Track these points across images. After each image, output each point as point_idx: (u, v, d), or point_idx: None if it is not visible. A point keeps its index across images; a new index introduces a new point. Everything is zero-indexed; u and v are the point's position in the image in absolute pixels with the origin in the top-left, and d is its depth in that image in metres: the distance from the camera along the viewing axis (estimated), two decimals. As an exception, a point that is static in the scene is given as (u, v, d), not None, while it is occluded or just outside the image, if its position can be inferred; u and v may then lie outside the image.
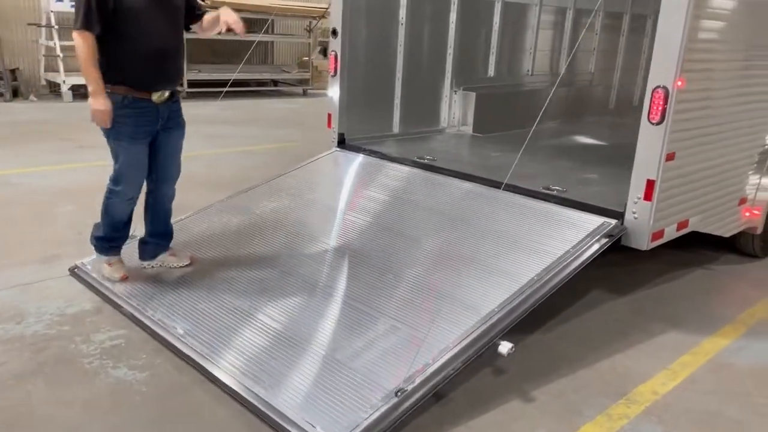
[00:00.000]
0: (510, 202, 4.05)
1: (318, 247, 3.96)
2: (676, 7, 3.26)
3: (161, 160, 3.59)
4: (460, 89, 6.26)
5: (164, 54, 3.36)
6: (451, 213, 4.09)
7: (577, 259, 3.40)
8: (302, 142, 8.74)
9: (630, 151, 3.54)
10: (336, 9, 5.02)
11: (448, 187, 4.41)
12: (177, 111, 3.59)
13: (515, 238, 3.65)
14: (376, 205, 4.33)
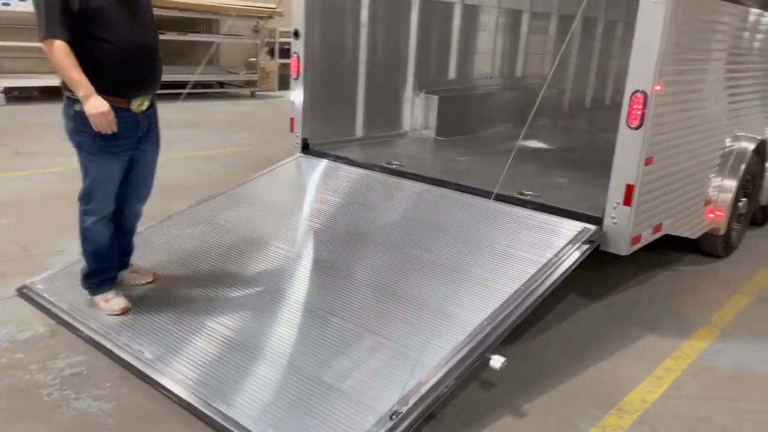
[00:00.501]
0: (486, 208, 3.97)
1: (289, 259, 3.78)
2: (654, 14, 3.25)
3: (135, 177, 3.31)
4: (422, 92, 6.17)
5: (141, 55, 3.08)
6: (426, 220, 3.98)
7: (560, 267, 3.35)
8: (258, 146, 8.50)
9: (589, 154, 3.52)
10: (298, 10, 4.84)
11: (420, 194, 4.30)
12: (154, 121, 3.32)
13: (496, 246, 3.57)
14: (347, 213, 4.17)
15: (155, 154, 3.38)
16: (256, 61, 13.73)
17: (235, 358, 2.90)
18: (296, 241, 4.00)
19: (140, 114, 3.16)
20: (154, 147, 3.35)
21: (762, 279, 4.75)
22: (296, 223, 4.22)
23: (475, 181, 4.47)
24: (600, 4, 8.56)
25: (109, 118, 2.95)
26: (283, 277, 3.60)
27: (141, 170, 3.33)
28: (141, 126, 3.19)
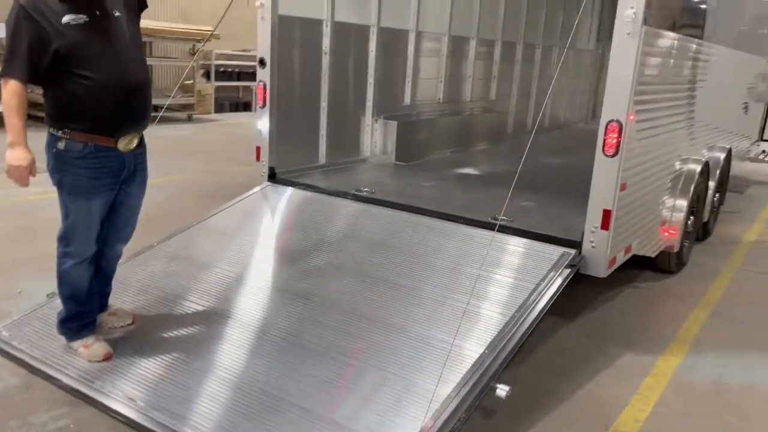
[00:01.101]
0: (468, 234, 4.03)
1: (271, 293, 3.70)
2: (628, 46, 3.42)
3: (118, 218, 3.15)
4: (381, 118, 6.22)
5: (127, 91, 2.93)
6: (408, 249, 3.99)
7: (547, 292, 3.43)
8: (203, 173, 8.30)
9: (547, 176, 3.64)
10: (263, 38, 4.79)
11: (396, 221, 4.31)
12: (143, 161, 3.17)
13: (482, 273, 3.61)
14: (328, 243, 4.13)
15: (141, 195, 3.24)
16: (193, 84, 13.42)
17: (240, 403, 2.80)
18: (275, 273, 3.92)
19: (127, 153, 3.03)
20: (141, 188, 3.21)
21: (713, 293, 5.04)
22: (273, 254, 4.15)
23: (447, 206, 4.54)
24: (538, 32, 8.93)
25: (25, 174, 2.81)
26: (268, 311, 3.51)
27: (125, 211, 3.18)
28: (127, 166, 3.05)
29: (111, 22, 2.91)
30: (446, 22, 6.97)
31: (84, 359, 3.09)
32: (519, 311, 3.26)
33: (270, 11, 4.71)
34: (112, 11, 2.92)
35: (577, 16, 8.59)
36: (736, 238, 6.63)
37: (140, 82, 3.02)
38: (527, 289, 3.43)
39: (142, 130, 3.11)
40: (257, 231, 4.48)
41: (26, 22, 2.70)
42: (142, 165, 3.19)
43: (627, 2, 3.38)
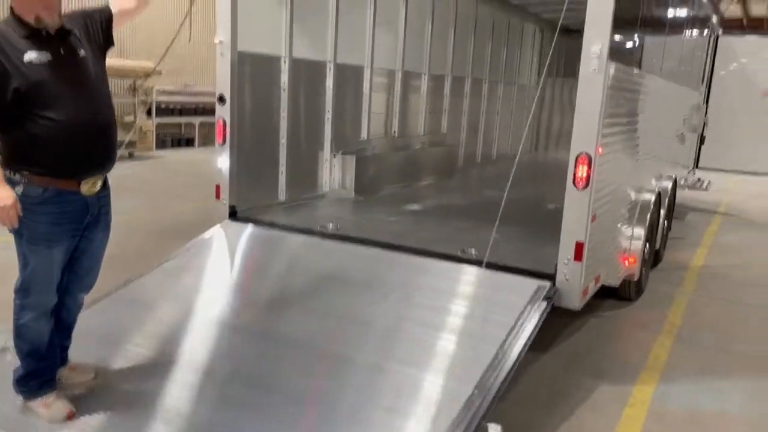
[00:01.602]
0: (441, 269, 3.99)
1: (239, 338, 3.53)
2: (595, 82, 3.51)
3: (80, 266, 2.94)
4: (339, 153, 6.17)
5: (94, 130, 2.77)
6: (380, 286, 3.91)
7: (527, 326, 3.41)
8: (154, 212, 8.01)
9: (507, 208, 3.68)
10: (222, 75, 4.69)
11: (366, 258, 4.24)
12: (106, 204, 2.98)
13: (462, 310, 3.58)
14: (296, 283, 4.01)
15: (105, 241, 3.05)
16: (134, 121, 13.05)
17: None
18: (242, 316, 3.75)
19: (91, 196, 2.85)
20: (104, 233, 3.02)
21: (673, 318, 5.17)
22: (239, 296, 3.98)
23: (415, 240, 4.52)
24: (484, 67, 9.16)
25: (12, 213, 2.62)
26: (236, 357, 3.34)
27: (88, 259, 2.98)
28: (91, 210, 2.87)
29: (76, 60, 2.76)
30: (399, 58, 7.04)
31: (45, 420, 2.84)
32: (501, 348, 3.22)
33: (229, 48, 4.62)
34: (78, 50, 2.78)
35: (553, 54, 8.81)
36: (685, 264, 6.86)
37: (105, 122, 2.87)
38: (507, 324, 3.40)
39: (107, 172, 2.95)
40: (221, 272, 4.31)
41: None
42: (106, 208, 3.02)
43: (592, 39, 3.47)
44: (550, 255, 4.16)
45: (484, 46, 9.10)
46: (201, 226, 6.48)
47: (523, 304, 3.57)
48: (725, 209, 10.64)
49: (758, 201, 11.51)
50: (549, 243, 4.39)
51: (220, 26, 4.60)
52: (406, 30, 7.01)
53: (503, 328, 3.37)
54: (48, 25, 2.65)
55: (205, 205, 8.45)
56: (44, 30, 2.66)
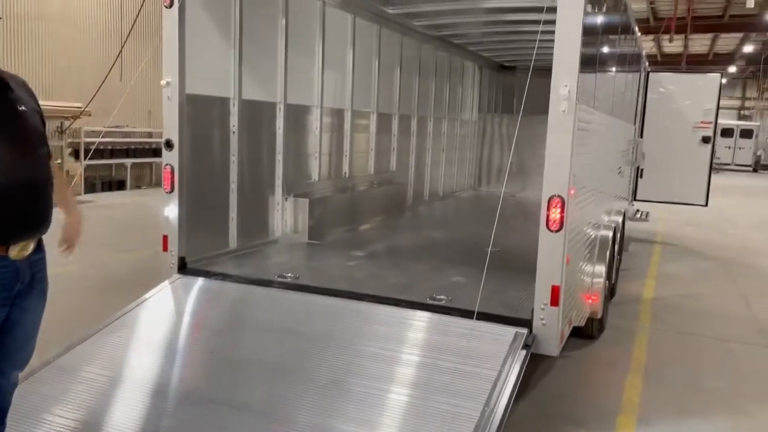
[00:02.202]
0: (412, 319, 3.80)
1: (194, 408, 3.20)
2: (565, 123, 3.46)
3: (13, 340, 2.57)
4: (291, 196, 5.93)
5: (24, 192, 2.46)
6: (348, 340, 3.66)
7: (510, 378, 3.25)
8: (88, 263, 7.45)
9: (464, 247, 3.56)
10: (170, 118, 4.41)
11: (331, 310, 3.99)
12: (41, 269, 2.64)
13: (441, 363, 3.38)
14: (258, 341, 3.72)
15: (40, 310, 2.70)
16: (61, 165, 12.34)
17: None
18: (199, 381, 3.43)
19: (21, 261, 2.52)
20: (39, 301, 2.68)
21: (638, 355, 5.14)
22: (195, 359, 3.65)
23: (380, 287, 4.33)
24: (429, 105, 9.18)
25: None
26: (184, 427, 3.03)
27: (21, 331, 2.62)
28: (21, 276, 2.53)
29: (13, 114, 2.48)
30: (348, 97, 6.92)
31: None
32: (487, 404, 3.04)
33: (177, 90, 4.35)
34: (18, 105, 2.50)
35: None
36: (637, 296, 6.93)
37: (41, 181, 2.57)
38: (490, 377, 3.23)
39: (41, 234, 2.63)
40: (172, 333, 3.95)
41: None
42: (41, 273, 2.68)
43: (560, 80, 3.44)
44: (519, 298, 4.07)
45: (428, 84, 9.13)
46: (141, 279, 6.07)
47: (503, 355, 3.41)
48: (663, 238, 10.98)
49: (691, 229, 11.96)
50: (515, 285, 4.30)
51: (167, 67, 4.34)
52: (354, 69, 6.91)
53: (486, 382, 3.20)
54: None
55: (143, 254, 8.05)
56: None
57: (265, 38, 5.50)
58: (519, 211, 9.53)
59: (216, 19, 4.89)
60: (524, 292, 4.11)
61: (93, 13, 14.26)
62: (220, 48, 4.98)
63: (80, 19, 13.97)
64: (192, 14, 4.48)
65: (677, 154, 9.89)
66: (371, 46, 7.36)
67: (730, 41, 31.37)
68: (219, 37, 4.95)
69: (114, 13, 14.67)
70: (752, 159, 32.51)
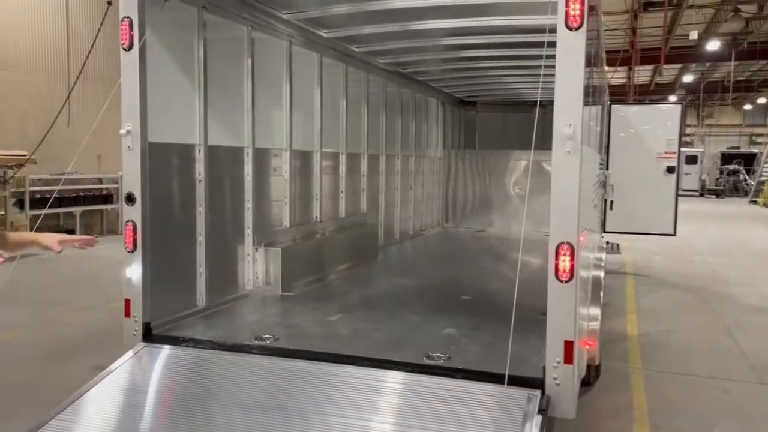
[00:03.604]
0: (411, 384, 3.42)
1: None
2: (570, 165, 3.21)
3: None
4: (262, 245, 5.52)
5: None
6: (353, 418, 3.23)
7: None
8: (39, 326, 6.84)
9: (442, 293, 3.26)
10: (131, 170, 3.98)
11: (322, 378, 3.56)
12: None
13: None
14: (238, 421, 3.26)
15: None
16: (5, 216, 11.58)
17: None
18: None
19: None
20: None
21: (639, 403, 4.89)
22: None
23: (369, 347, 3.98)
24: (396, 142, 8.97)
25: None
26: None
27: None
28: None
29: None
30: (317, 138, 6.61)
31: None
32: (511, 484, 2.69)
33: (139, 138, 3.94)
34: None
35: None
36: (622, 334, 6.73)
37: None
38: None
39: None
40: (140, 415, 3.45)
41: None
42: None
43: (563, 119, 3.19)
44: (522, 351, 3.75)
45: (395, 121, 8.93)
46: (99, 343, 5.55)
47: (519, 423, 3.07)
48: (633, 269, 10.95)
49: (658, 258, 12.00)
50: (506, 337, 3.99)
51: (127, 114, 3.94)
52: (322, 109, 6.62)
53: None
54: None
55: (101, 312, 7.44)
56: None
57: (230, 80, 5.15)
58: (493, 248, 9.35)
59: (178, 61, 4.53)
60: (521, 344, 3.79)
61: (36, 55, 13.62)
62: (183, 91, 4.60)
63: (22, 61, 13.30)
64: (153, 56, 4.12)
65: (643, 184, 9.90)
66: (338, 85, 7.10)
67: (671, 72, 32.65)
68: (182, 79, 4.58)
69: (59, 54, 14.06)
70: (698, 184, 33.56)
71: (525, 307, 3.47)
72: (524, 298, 3.32)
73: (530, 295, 3.68)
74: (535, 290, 3.58)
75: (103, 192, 14.70)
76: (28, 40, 13.41)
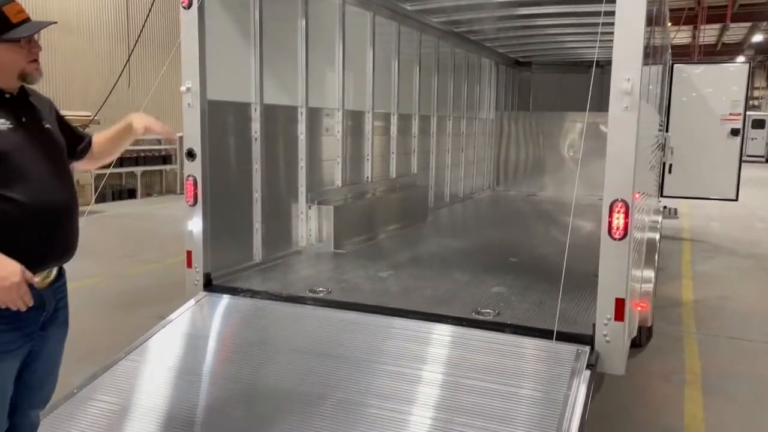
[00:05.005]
0: (463, 337, 3.49)
1: None
2: (627, 121, 3.15)
3: (33, 375, 2.31)
4: (315, 204, 5.64)
5: (58, 212, 2.23)
6: (397, 364, 3.35)
7: (577, 403, 2.95)
8: (106, 277, 7.21)
9: (493, 253, 3.24)
10: (192, 127, 4.12)
11: (374, 329, 3.68)
12: (64, 296, 2.39)
13: (496, 387, 3.08)
14: (297, 365, 3.41)
15: (62, 340, 2.45)
16: (70, 174, 12.11)
17: None
18: (234, 412, 3.14)
19: (46, 289, 2.25)
20: (62, 330, 2.42)
21: (691, 365, 4.84)
22: (230, 386, 3.36)
23: (418, 301, 4.05)
24: (448, 104, 8.90)
25: (22, 290, 2.00)
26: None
27: (42, 365, 2.36)
28: (48, 305, 2.28)
29: (40, 131, 2.26)
30: (369, 99, 6.64)
31: None
32: (559, 429, 2.75)
33: (198, 96, 4.07)
34: (43, 122, 2.29)
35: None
36: (677, 299, 6.62)
37: (70, 201, 2.33)
38: (556, 402, 2.93)
39: (68, 260, 2.37)
40: (199, 358, 3.64)
41: None
42: (64, 301, 2.44)
43: (622, 74, 3.12)
44: (572, 311, 3.76)
45: (447, 82, 8.85)
46: (162, 294, 5.82)
47: (567, 376, 3.11)
48: (690, 235, 10.66)
49: (717, 224, 11.63)
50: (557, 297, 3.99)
51: (187, 72, 4.06)
52: (374, 70, 6.62)
53: (552, 406, 2.90)
54: (35, 78, 2.23)
55: (161, 267, 7.78)
56: (8, 93, 2.18)
57: (284, 40, 5.22)
58: (544, 212, 9.25)
59: (235, 20, 4.61)
60: (571, 303, 3.81)
61: (97, 20, 14.03)
62: (239, 50, 4.70)
63: (84, 26, 13.73)
64: (211, 15, 4.21)
65: (705, 147, 9.55)
66: (390, 44, 7.07)
67: (739, 31, 30.99)
68: (238, 38, 4.67)
69: (120, 19, 14.44)
70: (765, 149, 32.06)
71: (577, 270, 3.48)
72: (576, 261, 3.32)
73: (583, 258, 3.69)
74: (588, 253, 3.56)
75: (162, 153, 15.16)
76: (90, 5, 13.80)
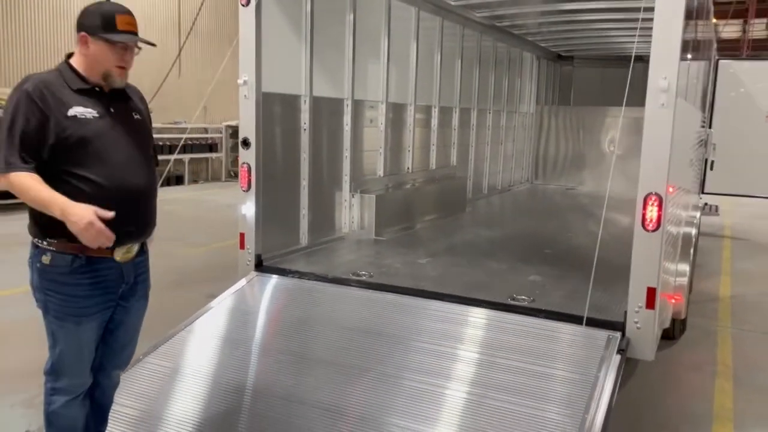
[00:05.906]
0: (498, 321, 3.69)
1: (287, 407, 3.18)
2: (663, 117, 3.28)
3: (116, 340, 2.62)
4: (358, 192, 5.88)
5: (134, 194, 2.48)
6: (433, 343, 3.57)
7: (606, 385, 3.12)
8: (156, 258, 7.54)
9: (530, 244, 3.37)
10: (247, 117, 4.40)
11: (413, 310, 3.90)
12: (144, 271, 2.67)
13: (530, 367, 3.27)
14: (344, 342, 3.66)
15: (142, 312, 2.74)
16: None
17: None
18: (287, 381, 3.40)
19: (126, 263, 2.53)
20: (142, 302, 2.71)
21: (723, 358, 4.92)
22: (282, 358, 3.62)
23: (456, 286, 4.25)
24: (488, 97, 9.03)
25: (99, 227, 2.23)
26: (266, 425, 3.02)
27: (123, 332, 2.66)
28: (126, 278, 2.56)
29: (127, 120, 2.54)
30: (411, 92, 6.83)
31: None
32: (587, 412, 2.92)
33: (254, 88, 4.34)
34: (131, 112, 2.58)
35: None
36: (714, 295, 6.66)
37: (148, 186, 2.59)
38: (585, 383, 3.11)
39: (146, 238, 2.64)
40: (251, 331, 3.93)
41: (25, 109, 2.28)
42: (144, 275, 2.71)
43: (659, 72, 3.25)
44: (605, 300, 3.91)
45: (488, 76, 8.97)
46: (211, 275, 6.15)
47: (598, 360, 3.28)
48: (731, 233, 10.56)
49: (761, 222, 11.46)
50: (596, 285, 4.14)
51: (244, 65, 4.32)
52: (417, 64, 6.81)
53: (581, 387, 3.08)
54: (116, 82, 2.49)
55: (212, 249, 8.15)
56: (98, 87, 2.46)
57: (333, 34, 5.45)
58: (581, 205, 9.31)
59: (288, 16, 4.86)
60: (605, 293, 3.95)
61: (151, 11, 14.52)
62: (291, 45, 4.94)
63: (137, 18, 14.21)
64: (266, 11, 4.46)
65: (749, 145, 9.45)
66: (433, 39, 7.24)
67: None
68: (291, 33, 4.91)
69: (171, 11, 14.93)
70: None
71: (612, 261, 3.63)
72: (612, 254, 3.46)
73: (618, 251, 3.83)
74: (623, 247, 3.69)
75: (209, 141, 15.62)
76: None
